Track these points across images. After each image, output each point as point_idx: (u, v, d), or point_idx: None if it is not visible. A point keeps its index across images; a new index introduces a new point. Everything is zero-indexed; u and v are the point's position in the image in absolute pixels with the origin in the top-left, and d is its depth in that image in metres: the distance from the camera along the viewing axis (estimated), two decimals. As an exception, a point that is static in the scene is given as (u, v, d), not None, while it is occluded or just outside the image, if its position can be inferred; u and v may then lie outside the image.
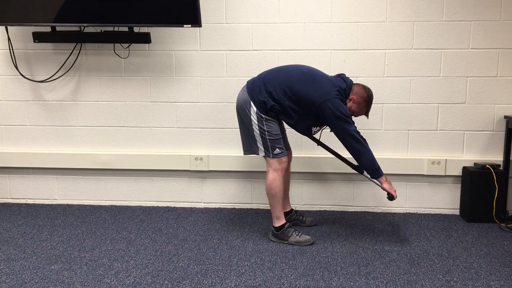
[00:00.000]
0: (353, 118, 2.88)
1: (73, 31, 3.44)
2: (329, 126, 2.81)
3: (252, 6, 3.44)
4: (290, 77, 2.80)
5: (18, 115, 3.70)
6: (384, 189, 2.86)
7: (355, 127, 2.80)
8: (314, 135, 2.98)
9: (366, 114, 2.94)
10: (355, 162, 2.92)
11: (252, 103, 2.80)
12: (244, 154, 2.97)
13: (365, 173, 2.93)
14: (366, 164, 2.81)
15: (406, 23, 3.36)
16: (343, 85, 2.82)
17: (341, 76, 2.89)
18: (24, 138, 3.73)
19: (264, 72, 2.91)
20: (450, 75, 3.40)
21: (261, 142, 2.84)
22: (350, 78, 2.91)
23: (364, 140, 2.84)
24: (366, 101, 2.87)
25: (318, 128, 2.91)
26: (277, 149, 2.84)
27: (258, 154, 2.89)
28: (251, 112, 2.81)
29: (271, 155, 2.84)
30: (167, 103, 3.60)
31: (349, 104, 2.86)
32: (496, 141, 3.44)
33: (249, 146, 2.92)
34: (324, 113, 2.74)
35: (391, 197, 2.86)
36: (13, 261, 2.66)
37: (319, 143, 3.03)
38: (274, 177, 2.86)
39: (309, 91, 2.75)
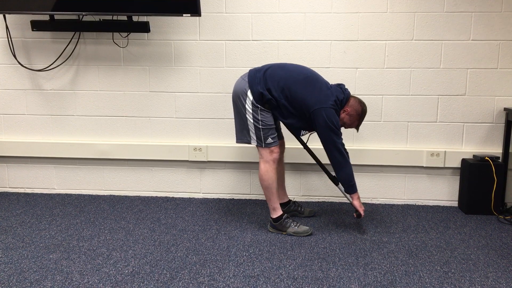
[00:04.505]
0: (343, 129, 2.91)
1: (71, 19, 3.42)
2: (317, 134, 2.82)
3: (252, -4, 3.42)
4: (291, 77, 2.80)
5: (16, 104, 3.68)
6: (353, 206, 2.94)
7: (342, 139, 2.83)
8: (301, 137, 2.98)
9: (357, 128, 2.97)
10: (333, 173, 2.95)
11: (249, 91, 2.79)
12: (237, 142, 2.97)
13: (339, 185, 2.99)
14: (343, 178, 2.86)
15: (407, 14, 3.34)
16: (340, 95, 2.83)
17: (340, 86, 2.91)
18: (22, 127, 3.71)
19: (267, 65, 2.89)
20: (450, 66, 3.38)
21: (253, 132, 2.84)
22: (348, 89, 2.93)
23: (348, 154, 2.87)
24: (359, 115, 2.90)
25: (306, 132, 2.93)
26: (269, 138, 2.84)
27: (250, 144, 2.89)
28: (247, 101, 2.80)
29: (263, 144, 2.84)
30: (166, 93, 3.58)
31: (342, 115, 2.88)
32: (495, 133, 3.44)
33: (242, 135, 2.92)
34: (316, 120, 2.75)
35: (359, 215, 2.94)
36: (11, 250, 2.66)
37: (304, 146, 3.04)
38: (266, 168, 2.86)
39: (307, 95, 2.76)
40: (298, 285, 2.29)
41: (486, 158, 3.29)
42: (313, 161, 3.53)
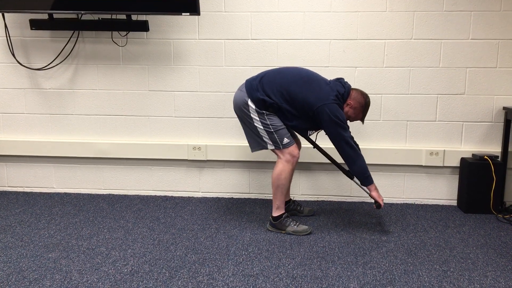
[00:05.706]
0: (348, 122, 2.89)
1: (70, 18, 3.41)
2: (324, 131, 2.81)
3: (251, -5, 3.42)
4: (288, 80, 2.79)
5: (15, 103, 3.68)
6: (372, 197, 2.91)
7: (350, 133, 2.82)
8: (310, 137, 2.97)
9: (362, 120, 2.96)
10: (347, 168, 2.94)
11: (250, 100, 2.79)
12: (252, 151, 2.95)
13: (355, 179, 2.97)
14: (357, 171, 2.84)
15: (406, 13, 3.34)
16: (341, 89, 2.82)
17: (339, 81, 2.90)
18: (21, 126, 3.71)
19: (262, 72, 2.90)
20: (449, 65, 3.38)
21: (267, 137, 2.83)
22: (348, 83, 2.92)
23: (358, 146, 2.86)
24: (363, 107, 2.89)
25: (313, 131, 2.92)
26: (285, 139, 2.82)
27: (267, 149, 2.88)
28: (250, 110, 2.80)
29: (281, 146, 2.83)
30: (165, 92, 3.58)
31: (346, 109, 2.87)
32: (494, 132, 3.44)
33: (257, 144, 2.90)
34: (321, 117, 2.74)
35: (378, 205, 2.91)
36: (10, 249, 2.66)
37: (314, 145, 3.03)
38: (283, 168, 2.84)
39: (307, 95, 2.75)
40: (297, 284, 2.29)
41: (485, 157, 3.29)
42: (313, 160, 3.53)
